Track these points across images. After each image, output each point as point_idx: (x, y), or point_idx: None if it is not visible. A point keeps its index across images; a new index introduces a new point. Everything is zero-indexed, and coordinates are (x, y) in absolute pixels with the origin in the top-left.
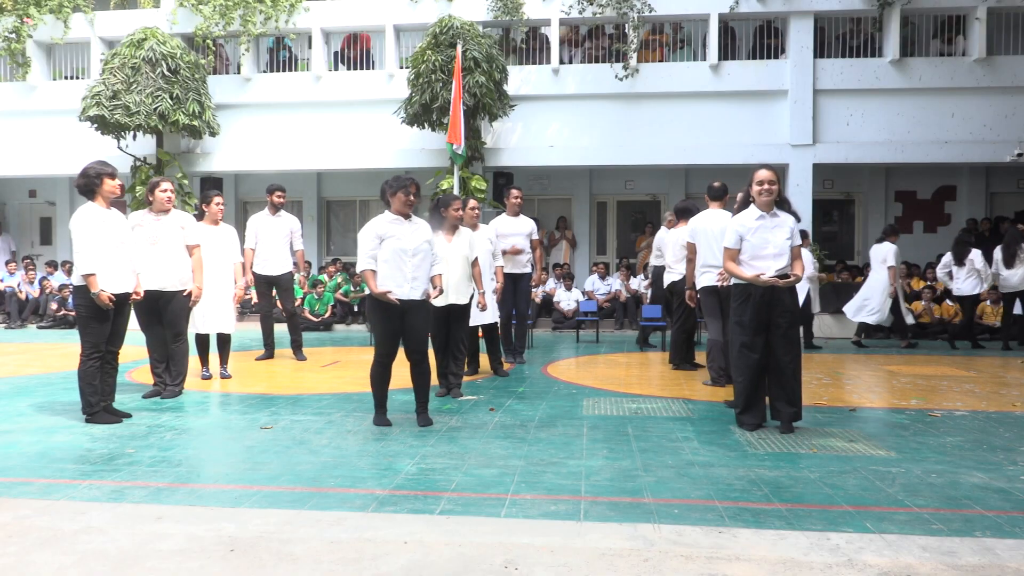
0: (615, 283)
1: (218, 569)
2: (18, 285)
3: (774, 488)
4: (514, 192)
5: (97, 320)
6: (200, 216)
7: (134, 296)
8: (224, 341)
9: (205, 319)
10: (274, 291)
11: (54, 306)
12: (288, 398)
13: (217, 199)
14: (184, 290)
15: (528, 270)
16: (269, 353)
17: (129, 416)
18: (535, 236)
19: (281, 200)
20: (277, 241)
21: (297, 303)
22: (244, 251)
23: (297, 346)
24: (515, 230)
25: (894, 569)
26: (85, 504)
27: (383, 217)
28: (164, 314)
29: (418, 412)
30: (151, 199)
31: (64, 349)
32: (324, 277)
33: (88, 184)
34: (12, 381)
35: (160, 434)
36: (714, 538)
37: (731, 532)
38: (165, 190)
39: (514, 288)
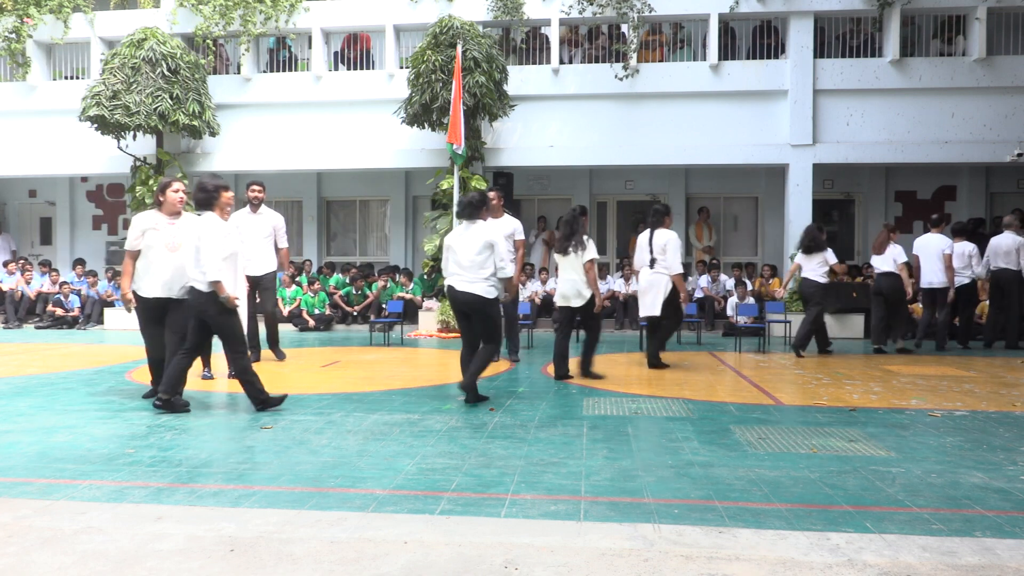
0: (615, 283)
1: (218, 569)
2: (15, 286)
3: (774, 488)
4: (491, 194)
5: (233, 316)
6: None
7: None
8: None
9: None
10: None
11: (60, 311)
12: (288, 398)
13: None
14: None
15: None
16: (255, 356)
17: (187, 410)
18: (519, 237)
19: (256, 195)
20: (259, 240)
21: (293, 307)
22: None
23: (274, 342)
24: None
25: (894, 569)
26: (85, 504)
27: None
28: (170, 315)
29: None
30: (161, 200)
31: (64, 349)
32: (342, 277)
33: (208, 198)
34: (12, 381)
35: (160, 434)
36: (714, 538)
37: (731, 532)
38: (177, 190)
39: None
